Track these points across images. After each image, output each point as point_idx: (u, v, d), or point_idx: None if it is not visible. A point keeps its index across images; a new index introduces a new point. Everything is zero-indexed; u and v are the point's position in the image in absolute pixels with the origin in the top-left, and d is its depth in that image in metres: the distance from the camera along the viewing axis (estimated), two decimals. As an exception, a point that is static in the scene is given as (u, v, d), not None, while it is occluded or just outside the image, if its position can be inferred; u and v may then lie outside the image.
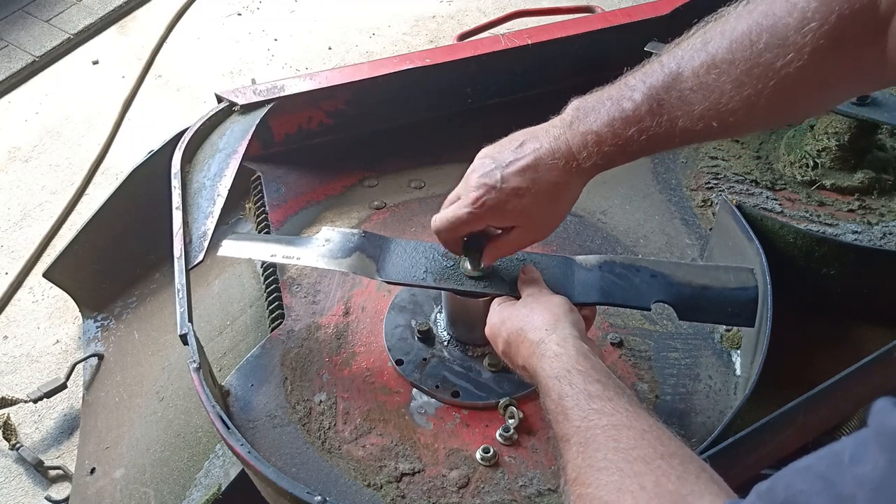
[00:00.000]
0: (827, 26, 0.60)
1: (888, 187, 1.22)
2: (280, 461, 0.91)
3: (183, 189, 1.15)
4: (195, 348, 0.92)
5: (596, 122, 0.73)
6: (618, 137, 0.72)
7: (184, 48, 2.37)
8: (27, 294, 1.63)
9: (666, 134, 0.71)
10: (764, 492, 0.41)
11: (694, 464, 0.56)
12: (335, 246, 0.97)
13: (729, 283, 0.89)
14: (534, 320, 0.77)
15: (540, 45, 1.39)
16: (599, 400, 0.64)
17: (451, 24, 2.39)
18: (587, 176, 0.77)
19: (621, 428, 0.60)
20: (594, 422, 0.62)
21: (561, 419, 0.65)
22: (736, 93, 0.66)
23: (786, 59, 0.63)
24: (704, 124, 0.69)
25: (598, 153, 0.74)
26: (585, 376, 0.67)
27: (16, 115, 2.13)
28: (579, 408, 0.64)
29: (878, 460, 0.33)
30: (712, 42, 0.68)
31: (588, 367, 0.68)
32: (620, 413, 0.62)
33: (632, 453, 0.57)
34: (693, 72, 0.68)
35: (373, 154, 1.39)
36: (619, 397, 0.64)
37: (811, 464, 0.38)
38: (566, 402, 0.65)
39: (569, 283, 0.90)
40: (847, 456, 0.35)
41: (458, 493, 0.89)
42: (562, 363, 0.69)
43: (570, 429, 0.63)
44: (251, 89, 1.31)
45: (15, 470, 1.33)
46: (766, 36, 0.64)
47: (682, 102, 0.69)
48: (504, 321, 0.81)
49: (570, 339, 0.72)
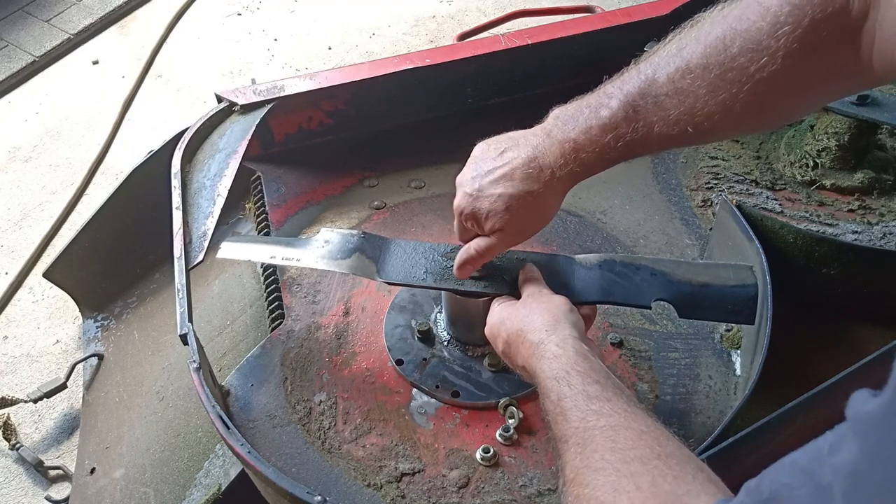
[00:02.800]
0: (800, 30, 0.61)
1: (888, 187, 1.22)
2: (280, 461, 0.91)
3: (183, 189, 1.15)
4: (195, 348, 0.92)
5: (574, 129, 0.75)
6: (595, 144, 0.74)
7: (184, 48, 2.37)
8: (27, 294, 1.63)
9: (643, 139, 0.72)
10: (753, 488, 0.41)
11: (691, 464, 0.56)
12: (335, 247, 0.97)
13: (728, 280, 0.89)
14: (533, 321, 0.77)
15: (540, 45, 1.39)
16: (598, 401, 0.64)
17: (451, 24, 2.38)
18: (565, 184, 0.78)
19: (619, 429, 0.60)
20: (592, 423, 0.62)
21: (560, 420, 0.65)
22: (711, 97, 0.67)
23: (760, 63, 0.63)
24: (680, 129, 0.70)
25: (574, 160, 0.75)
26: (584, 377, 0.67)
27: (16, 115, 2.13)
28: (578, 409, 0.64)
29: (851, 447, 0.34)
30: (687, 48, 0.69)
31: (587, 368, 0.68)
32: (618, 414, 0.62)
33: (629, 454, 0.57)
34: (668, 77, 0.69)
35: (373, 154, 1.39)
36: (618, 398, 0.64)
37: (795, 458, 0.39)
38: (565, 403, 0.65)
39: (569, 282, 0.90)
40: (826, 448, 0.36)
41: (458, 493, 0.89)
42: (561, 364, 0.69)
43: (569, 430, 0.63)
44: (251, 89, 1.31)
45: (15, 470, 1.33)
46: (739, 40, 0.65)
47: (657, 108, 0.70)
48: (504, 321, 0.81)
49: (570, 340, 0.72)
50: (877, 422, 0.33)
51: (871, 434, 0.33)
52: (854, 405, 0.35)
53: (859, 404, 0.35)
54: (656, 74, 0.70)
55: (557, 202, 0.81)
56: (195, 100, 2.15)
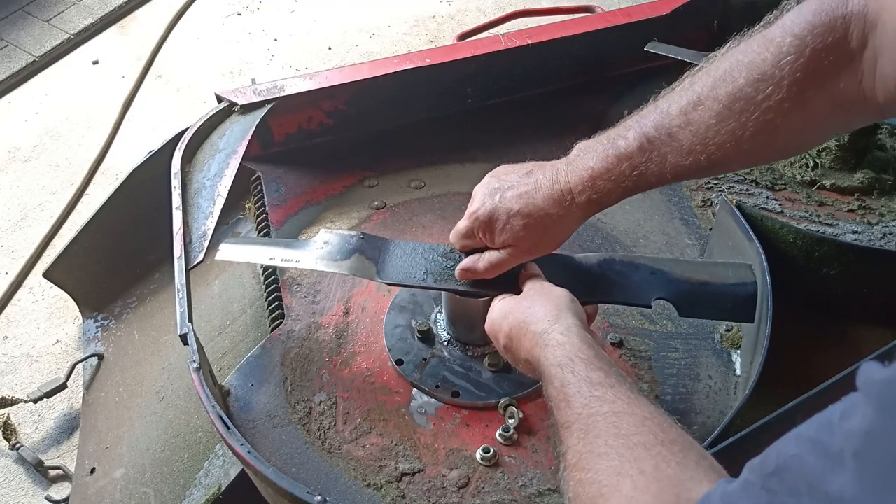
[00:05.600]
0: (802, 59, 0.64)
1: (888, 187, 1.22)
2: (280, 461, 0.91)
3: (183, 189, 1.15)
4: (195, 348, 0.92)
5: (592, 158, 0.78)
6: (610, 172, 0.76)
7: (184, 48, 2.37)
8: (27, 294, 1.63)
9: (658, 170, 0.75)
10: (756, 465, 0.42)
11: (694, 451, 0.57)
12: (334, 248, 0.97)
13: (728, 278, 0.90)
14: (536, 312, 0.78)
15: (540, 45, 1.39)
16: (601, 387, 0.65)
17: (451, 24, 2.38)
18: (583, 211, 0.80)
19: (622, 415, 0.61)
20: (595, 409, 0.63)
21: (563, 406, 0.66)
22: (721, 127, 0.70)
23: (766, 93, 0.66)
24: (693, 159, 0.72)
25: (592, 187, 0.78)
26: (588, 364, 0.68)
27: (16, 115, 2.13)
28: (581, 395, 0.65)
29: (865, 412, 0.34)
30: (698, 82, 0.72)
31: (591, 355, 0.69)
32: (622, 400, 0.63)
33: (632, 439, 0.58)
34: (680, 109, 0.73)
35: (373, 154, 1.39)
36: (621, 385, 0.65)
37: (801, 431, 0.39)
38: (568, 389, 0.66)
39: (569, 281, 0.89)
40: (837, 416, 0.37)
41: (458, 493, 0.89)
42: (565, 351, 0.70)
43: (572, 415, 0.64)
44: (251, 89, 1.31)
45: (15, 470, 1.33)
46: (745, 71, 0.68)
47: (670, 139, 0.73)
48: (506, 315, 0.82)
49: (574, 329, 0.73)
50: (892, 384, 0.33)
51: (886, 394, 0.33)
52: (865, 375, 0.35)
53: (871, 373, 0.35)
54: (670, 107, 0.74)
55: (572, 228, 0.83)
56: (195, 100, 2.15)
